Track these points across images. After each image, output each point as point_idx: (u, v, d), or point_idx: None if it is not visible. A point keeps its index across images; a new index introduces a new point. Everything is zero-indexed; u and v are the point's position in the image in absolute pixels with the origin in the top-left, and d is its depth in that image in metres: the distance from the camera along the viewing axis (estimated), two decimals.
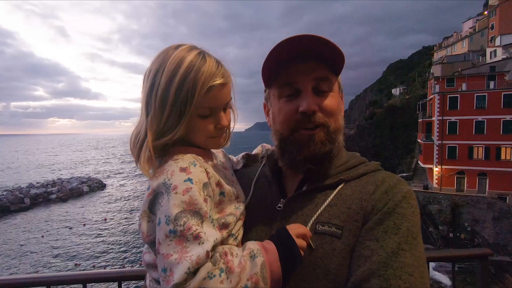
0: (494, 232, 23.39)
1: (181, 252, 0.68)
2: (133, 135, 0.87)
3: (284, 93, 0.90)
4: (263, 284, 0.72)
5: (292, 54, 0.86)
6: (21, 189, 41.44)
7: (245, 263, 0.73)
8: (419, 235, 0.77)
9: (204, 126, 0.85)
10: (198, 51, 0.84)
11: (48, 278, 1.44)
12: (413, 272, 0.70)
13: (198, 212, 0.73)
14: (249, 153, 1.21)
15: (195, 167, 0.79)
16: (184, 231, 0.69)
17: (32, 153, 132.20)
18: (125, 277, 1.47)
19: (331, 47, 0.84)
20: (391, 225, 0.75)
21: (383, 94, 75.31)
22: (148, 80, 0.83)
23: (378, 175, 0.89)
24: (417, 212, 0.80)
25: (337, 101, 0.93)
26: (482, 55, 38.35)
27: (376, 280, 0.69)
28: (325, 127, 0.88)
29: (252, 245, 0.78)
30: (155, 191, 0.77)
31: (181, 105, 0.79)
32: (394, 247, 0.72)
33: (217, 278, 0.68)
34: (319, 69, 0.88)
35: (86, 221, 31.81)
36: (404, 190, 0.82)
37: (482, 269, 1.54)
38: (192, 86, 0.78)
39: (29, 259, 23.14)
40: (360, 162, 0.95)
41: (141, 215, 0.79)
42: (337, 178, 0.89)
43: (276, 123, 0.93)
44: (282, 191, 0.96)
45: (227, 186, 0.87)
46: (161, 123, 0.81)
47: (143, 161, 0.81)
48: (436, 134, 28.21)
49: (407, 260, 0.71)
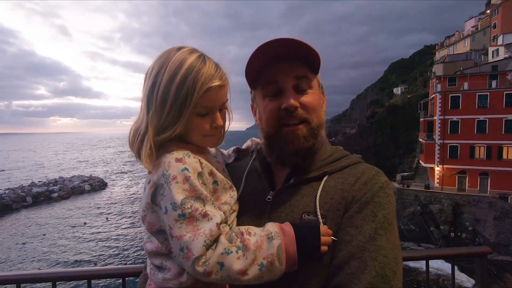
0: (495, 231, 23.33)
1: (193, 231, 0.75)
2: (132, 131, 0.92)
3: (268, 93, 0.97)
4: (278, 264, 0.77)
5: (272, 56, 0.93)
6: (23, 187, 41.59)
7: (261, 243, 0.78)
8: (394, 221, 0.85)
9: (201, 124, 0.90)
10: (198, 53, 0.89)
11: (54, 274, 1.46)
12: (387, 254, 0.78)
13: (199, 197, 0.79)
14: (240, 147, 1.27)
15: (189, 158, 0.85)
16: (192, 213, 0.76)
17: (34, 152, 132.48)
18: (128, 274, 1.49)
19: (307, 48, 0.91)
20: (369, 213, 0.83)
21: (385, 94, 75.05)
22: (150, 78, 0.88)
23: (359, 167, 0.96)
24: (392, 201, 0.88)
25: (318, 97, 0.99)
26: (484, 54, 38.18)
27: (355, 262, 0.78)
28: (307, 123, 0.95)
29: (271, 227, 0.83)
30: (155, 183, 0.82)
31: (180, 104, 0.84)
32: (371, 232, 0.80)
33: (234, 254, 0.75)
34: (298, 69, 0.95)
35: (87, 219, 31.94)
36: (382, 181, 0.90)
37: (481, 267, 1.56)
38: (191, 86, 0.83)
39: (32, 257, 23.25)
40: (342, 155, 1.02)
41: (145, 207, 0.84)
42: (322, 171, 0.96)
43: (262, 122, 1.00)
44: (271, 183, 1.03)
45: (219, 175, 0.93)
46: (161, 119, 0.85)
47: (144, 155, 0.85)
48: (438, 133, 28.13)
49: (382, 243, 0.79)
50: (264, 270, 0.76)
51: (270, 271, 0.77)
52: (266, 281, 0.79)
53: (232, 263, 0.74)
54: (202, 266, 0.73)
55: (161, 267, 0.87)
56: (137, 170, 67.00)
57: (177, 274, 0.83)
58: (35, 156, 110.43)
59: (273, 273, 0.78)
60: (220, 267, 0.74)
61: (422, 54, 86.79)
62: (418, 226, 25.69)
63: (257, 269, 0.76)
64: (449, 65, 34.53)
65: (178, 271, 0.83)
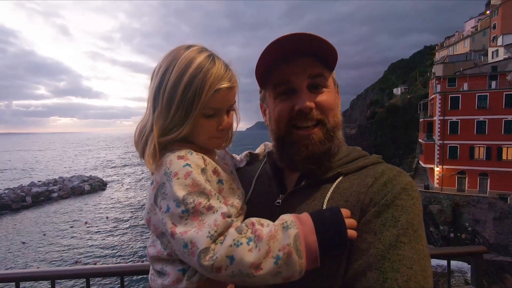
0: (495, 232, 23.33)
1: (198, 225, 0.70)
2: (137, 130, 0.89)
3: (279, 93, 0.90)
4: (297, 256, 0.68)
5: (284, 53, 0.86)
6: (22, 187, 41.53)
7: (275, 233, 0.70)
8: (420, 227, 0.74)
9: (207, 126, 0.87)
10: (208, 53, 0.86)
11: (53, 272, 1.47)
12: (412, 265, 0.67)
13: (203, 192, 0.75)
14: (252, 151, 1.23)
15: (191, 155, 0.82)
16: (196, 207, 0.72)
17: (35, 152, 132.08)
18: (126, 272, 1.50)
19: (322, 43, 0.84)
20: (390, 218, 0.74)
21: (385, 94, 75.02)
22: (157, 76, 0.85)
23: (378, 167, 0.87)
24: (418, 204, 0.77)
25: (333, 96, 0.92)
26: (484, 54, 38.18)
27: (373, 273, 0.68)
28: (323, 124, 0.88)
29: (286, 216, 0.76)
30: (158, 183, 0.78)
31: (188, 104, 0.81)
32: (392, 239, 0.70)
33: (245, 246, 0.67)
34: (312, 66, 0.88)
35: (87, 219, 31.91)
36: (404, 182, 0.80)
37: (476, 266, 1.57)
38: (200, 86, 0.80)
39: (31, 256, 23.24)
40: (360, 155, 0.94)
41: (149, 209, 0.81)
42: (335, 172, 0.88)
43: (272, 123, 0.93)
44: (282, 187, 0.97)
45: (224, 174, 0.89)
46: (167, 120, 0.83)
47: (148, 155, 0.82)
48: (437, 134, 28.11)
49: (406, 253, 0.69)
50: (281, 264, 0.67)
51: (288, 265, 0.67)
52: (285, 279, 0.69)
53: (243, 255, 0.66)
54: (209, 260, 0.66)
55: (161, 272, 0.84)
56: (137, 171, 66.95)
57: (175, 280, 0.80)
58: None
59: (292, 268, 0.68)
60: (230, 261, 0.66)
61: (422, 55, 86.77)
62: None
63: (272, 263, 0.66)
64: (449, 66, 34.52)
65: (177, 277, 0.80)
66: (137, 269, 1.50)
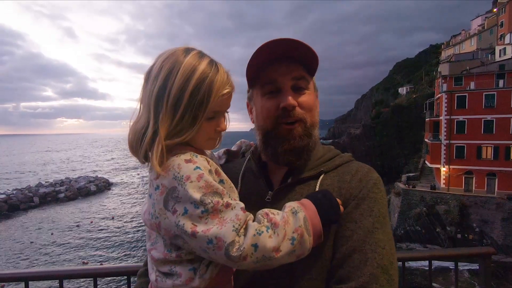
0: (503, 233, 23.01)
1: (220, 222, 0.76)
2: (132, 132, 0.89)
3: (267, 91, 1.01)
4: (307, 235, 0.80)
5: (272, 56, 0.97)
6: (30, 188, 42.14)
7: (287, 218, 0.80)
8: (387, 215, 0.92)
9: (207, 128, 0.90)
10: (209, 59, 0.89)
11: (61, 272, 1.49)
12: (384, 246, 0.84)
13: (216, 192, 0.79)
14: (230, 149, 1.28)
15: (197, 158, 0.84)
16: (215, 206, 0.77)
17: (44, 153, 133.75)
18: (133, 272, 1.51)
19: (306, 50, 0.95)
20: (366, 208, 0.89)
21: (390, 93, 74.54)
22: (158, 80, 0.86)
23: (352, 165, 1.02)
24: (385, 196, 0.95)
25: (313, 98, 1.04)
26: (491, 53, 37.68)
27: (357, 255, 0.83)
28: (303, 122, 0.99)
29: (291, 203, 0.86)
30: (167, 188, 0.80)
31: (195, 109, 0.84)
32: (369, 226, 0.86)
33: (265, 233, 0.76)
34: (296, 70, 0.99)
35: (93, 219, 32.23)
36: (374, 177, 0.96)
37: (485, 267, 1.55)
38: (207, 93, 0.84)
39: (39, 256, 23.54)
40: (335, 154, 1.08)
41: (158, 214, 0.81)
42: (318, 170, 1.01)
43: (260, 119, 1.04)
44: (269, 184, 1.05)
45: (224, 174, 0.92)
46: (173, 123, 0.84)
47: (156, 158, 0.82)
48: (444, 133, 27.83)
49: (379, 236, 0.85)
50: (296, 244, 0.78)
51: (301, 243, 0.79)
52: (297, 256, 0.80)
53: (266, 242, 0.75)
54: (237, 252, 0.73)
55: (170, 273, 0.85)
56: (141, 172, 67.37)
57: (188, 280, 0.82)
58: (48, 157, 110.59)
59: (304, 246, 0.79)
60: (255, 248, 0.74)
61: (428, 54, 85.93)
62: (424, 228, 25.42)
63: (289, 244, 0.77)
64: (455, 65, 34.15)
65: (189, 276, 0.82)
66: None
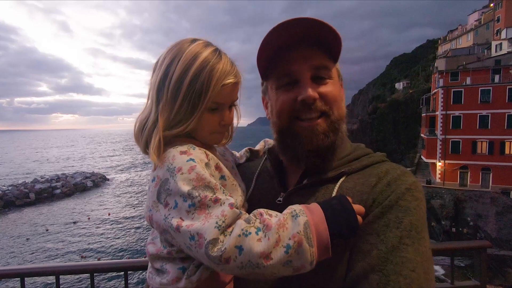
0: (497, 227, 23.31)
1: (205, 218, 0.68)
2: (137, 122, 0.88)
3: (282, 83, 0.87)
4: (307, 245, 0.65)
5: (287, 41, 0.83)
6: (26, 184, 41.82)
7: (284, 221, 0.68)
8: (424, 229, 0.72)
9: (209, 120, 0.86)
10: (214, 48, 0.86)
11: (56, 268, 1.48)
12: (415, 268, 0.66)
13: (208, 186, 0.73)
14: (252, 148, 1.22)
15: (194, 150, 0.81)
16: (202, 200, 0.70)
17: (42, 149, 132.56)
18: (130, 268, 1.51)
19: (327, 30, 0.80)
20: (393, 219, 0.72)
21: (386, 89, 74.54)
22: (161, 69, 0.84)
23: (382, 166, 0.85)
24: (422, 205, 0.75)
25: (338, 88, 0.89)
26: (487, 48, 37.77)
27: (375, 275, 0.67)
28: (327, 116, 0.85)
29: (294, 206, 0.74)
30: (161, 179, 0.77)
31: (194, 98, 0.80)
32: (395, 241, 0.69)
33: (253, 235, 0.66)
34: (316, 56, 0.85)
35: (90, 215, 32.14)
36: (409, 182, 0.78)
37: (480, 261, 1.56)
38: (207, 81, 0.80)
39: (35, 252, 23.48)
40: (364, 153, 0.92)
41: (151, 206, 0.79)
42: (339, 171, 0.86)
43: (274, 115, 0.90)
44: (283, 184, 0.95)
45: (226, 170, 0.88)
46: (172, 113, 0.82)
47: (152, 148, 0.81)
48: (440, 128, 27.98)
49: (409, 255, 0.67)
50: (292, 253, 0.64)
51: (299, 254, 0.65)
52: (295, 269, 0.66)
53: (252, 245, 0.64)
54: (217, 251, 0.64)
55: (161, 270, 0.83)
56: (139, 166, 67.17)
57: (175, 279, 0.78)
58: (48, 154, 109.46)
59: (303, 258, 0.65)
60: (239, 251, 0.64)
61: (425, 49, 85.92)
62: None
63: (282, 252, 0.64)
64: (452, 60, 34.23)
65: (176, 276, 0.79)
66: (141, 264, 1.51)
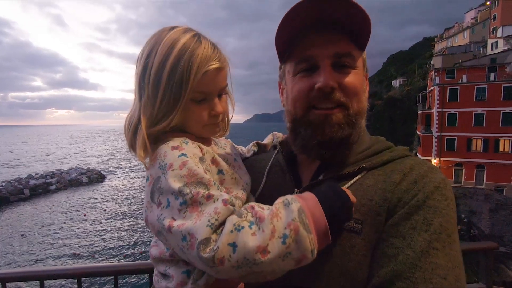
0: (490, 223, 23.65)
1: (197, 216, 0.64)
2: (126, 120, 0.84)
3: (300, 69, 0.80)
4: (305, 231, 0.61)
5: (308, 21, 0.75)
6: (20, 180, 41.43)
7: (277, 211, 0.64)
8: (454, 231, 0.67)
9: (198, 112, 0.81)
10: (193, 33, 0.80)
11: (41, 273, 1.39)
12: (446, 275, 0.61)
13: (201, 182, 0.68)
14: (260, 142, 1.17)
15: (187, 144, 0.76)
16: (194, 197, 0.66)
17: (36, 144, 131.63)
18: (120, 272, 1.44)
19: (356, 12, 0.71)
20: (421, 220, 0.66)
21: (383, 86, 74.93)
22: (140, 62, 0.80)
23: (406, 162, 0.78)
24: (452, 205, 0.69)
25: (361, 79, 0.81)
26: (484, 46, 38.04)
27: (402, 283, 0.62)
28: (345, 108, 0.77)
29: (285, 196, 0.69)
30: (154, 178, 0.73)
31: (175, 90, 0.75)
32: (424, 245, 0.63)
33: (247, 229, 0.61)
34: (340, 42, 0.77)
35: (86, 211, 31.98)
36: (437, 180, 0.71)
37: (487, 263, 1.52)
38: (186, 69, 0.74)
39: (29, 249, 23.32)
40: (385, 147, 0.84)
41: (146, 207, 0.74)
42: (358, 166, 0.79)
43: (289, 102, 0.83)
44: (297, 180, 0.88)
45: (224, 164, 0.84)
46: (155, 108, 0.77)
47: (138, 148, 0.78)
48: (435, 126, 28.22)
49: (439, 261, 0.62)
50: (290, 242, 0.60)
51: (298, 242, 0.60)
52: (297, 261, 0.61)
53: (247, 240, 0.59)
54: (209, 252, 0.59)
55: (165, 274, 0.79)
56: (134, 162, 66.92)
57: (180, 284, 0.74)
58: (42, 149, 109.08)
59: (302, 246, 0.60)
60: (233, 248, 0.59)
61: (421, 46, 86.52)
62: None
63: (279, 243, 0.59)
64: (448, 58, 34.43)
65: (181, 280, 0.74)
66: (131, 268, 1.44)
